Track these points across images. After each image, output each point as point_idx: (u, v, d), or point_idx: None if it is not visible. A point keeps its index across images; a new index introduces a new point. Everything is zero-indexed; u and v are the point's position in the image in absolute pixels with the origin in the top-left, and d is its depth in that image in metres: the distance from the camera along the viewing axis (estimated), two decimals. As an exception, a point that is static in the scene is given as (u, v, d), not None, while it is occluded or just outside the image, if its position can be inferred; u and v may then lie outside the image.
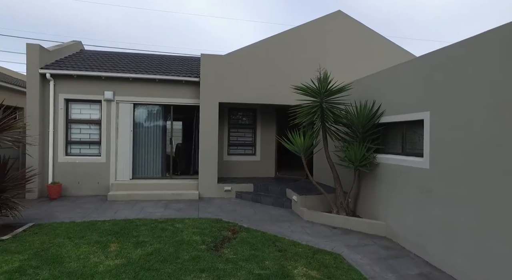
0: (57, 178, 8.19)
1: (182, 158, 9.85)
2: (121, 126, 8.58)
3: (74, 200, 7.79)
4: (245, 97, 8.76)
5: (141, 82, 8.63)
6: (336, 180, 6.64)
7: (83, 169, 8.33)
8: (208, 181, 8.60)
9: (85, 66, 8.54)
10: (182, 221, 6.24)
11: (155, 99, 8.75)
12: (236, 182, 9.01)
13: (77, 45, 10.56)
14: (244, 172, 10.01)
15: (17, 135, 5.80)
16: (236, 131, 10.23)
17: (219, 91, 8.64)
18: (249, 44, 8.88)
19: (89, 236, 5.23)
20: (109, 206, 7.31)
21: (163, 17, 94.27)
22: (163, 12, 69.12)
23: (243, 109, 10.24)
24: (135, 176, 8.73)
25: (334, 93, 6.37)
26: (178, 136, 13.60)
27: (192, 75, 8.87)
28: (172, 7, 57.71)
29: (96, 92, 8.38)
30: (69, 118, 8.44)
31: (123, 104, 8.60)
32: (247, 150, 10.27)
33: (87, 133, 8.57)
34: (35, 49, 7.93)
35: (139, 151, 8.82)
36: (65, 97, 8.29)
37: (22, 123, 5.95)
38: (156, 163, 8.94)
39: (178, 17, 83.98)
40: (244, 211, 7.30)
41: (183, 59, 11.06)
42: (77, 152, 8.52)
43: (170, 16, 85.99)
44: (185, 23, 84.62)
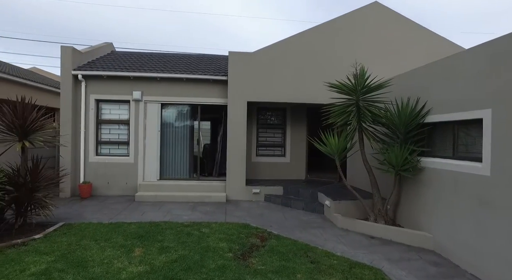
0: (88, 178, 8.30)
1: (210, 159, 9.67)
2: (149, 126, 8.54)
3: (103, 200, 7.84)
4: (274, 96, 8.38)
5: (168, 81, 8.54)
6: (373, 185, 6.08)
7: (112, 169, 8.38)
8: (236, 183, 8.33)
9: (114, 67, 8.59)
10: (208, 225, 5.99)
11: (183, 99, 8.62)
12: (264, 184, 8.65)
13: (108, 46, 10.74)
14: (273, 174, 9.64)
15: (48, 135, 5.84)
16: (265, 131, 9.88)
17: (247, 90, 8.33)
18: (279, 40, 8.50)
19: (114, 239, 5.12)
20: (136, 207, 7.25)
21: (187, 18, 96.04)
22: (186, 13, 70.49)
23: (272, 109, 9.86)
24: (162, 177, 8.66)
25: (372, 90, 5.82)
26: (205, 136, 13.51)
27: (219, 74, 8.65)
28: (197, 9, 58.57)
29: (125, 92, 8.40)
30: (99, 118, 8.54)
31: (151, 104, 8.55)
32: (276, 151, 9.89)
33: (116, 133, 8.62)
34: (68, 51, 8.07)
35: (166, 151, 8.74)
36: (96, 98, 8.38)
37: (53, 123, 5.97)
38: (183, 164, 8.81)
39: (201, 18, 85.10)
40: (273, 216, 6.93)
41: (210, 58, 10.90)
42: (106, 152, 8.59)
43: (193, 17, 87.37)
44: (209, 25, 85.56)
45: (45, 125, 5.75)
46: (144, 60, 9.77)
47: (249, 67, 8.35)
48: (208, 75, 8.54)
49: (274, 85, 8.35)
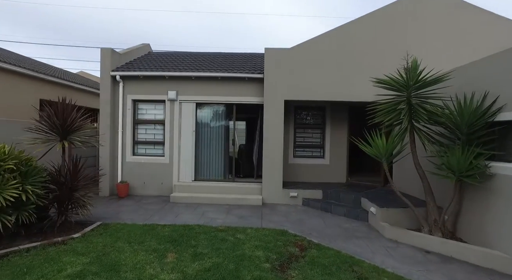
0: (125, 178, 8.38)
1: (245, 160, 9.39)
2: (184, 126, 8.44)
3: (139, 200, 7.85)
4: (313, 94, 7.88)
5: (203, 80, 8.38)
6: (427, 192, 5.38)
7: (148, 169, 8.39)
8: (272, 186, 7.94)
9: (150, 67, 8.61)
10: (244, 231, 5.67)
11: (218, 98, 8.42)
12: (302, 187, 8.18)
13: (146, 47, 10.88)
14: (311, 176, 9.12)
15: (86, 136, 5.88)
16: (303, 131, 9.39)
17: (284, 88, 7.92)
18: (318, 35, 7.98)
19: (148, 242, 4.97)
20: (170, 209, 7.14)
21: (221, 21, 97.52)
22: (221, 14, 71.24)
23: (311, 108, 9.34)
24: (197, 178, 8.52)
25: (428, 85, 5.13)
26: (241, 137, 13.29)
27: (255, 72, 8.32)
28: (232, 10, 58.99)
29: (160, 92, 8.38)
30: (136, 118, 8.60)
31: (185, 104, 8.45)
32: (315, 152, 9.36)
33: (152, 133, 8.63)
34: (107, 52, 8.21)
35: (201, 152, 8.59)
36: (133, 98, 8.45)
37: (94, 124, 6.01)
38: (218, 165, 8.60)
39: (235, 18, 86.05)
40: (312, 222, 6.45)
41: (246, 56, 10.63)
42: (142, 152, 8.63)
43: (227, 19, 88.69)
44: (244, 24, 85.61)
45: (83, 125, 5.78)
46: (180, 59, 9.73)
47: (286, 64, 7.93)
48: (243, 73, 8.25)
49: (313, 83, 7.85)
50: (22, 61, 10.92)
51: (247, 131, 12.58)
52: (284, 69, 7.93)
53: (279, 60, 7.94)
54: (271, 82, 7.95)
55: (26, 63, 10.56)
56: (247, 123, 12.49)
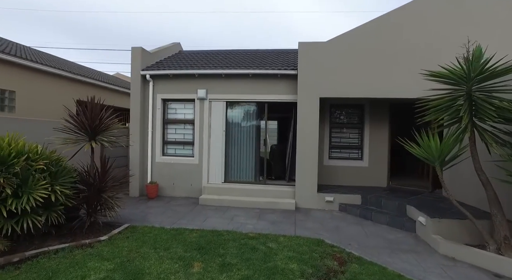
0: (155, 178, 8.26)
1: (277, 161, 8.92)
2: (214, 126, 8.15)
3: (168, 201, 7.66)
4: (350, 91, 7.23)
5: (233, 78, 8.03)
6: (493, 202, 4.58)
7: (177, 170, 8.21)
8: (306, 189, 7.41)
9: (180, 65, 8.42)
10: (276, 239, 5.21)
11: (248, 97, 8.03)
12: (339, 191, 7.56)
13: (176, 46, 10.78)
14: (348, 179, 8.45)
15: (113, 136, 5.74)
16: (339, 131, 8.74)
17: (319, 85, 7.35)
18: (356, 27, 7.31)
19: (174, 248, 4.68)
20: (199, 212, 6.86)
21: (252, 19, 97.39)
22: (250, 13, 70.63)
23: (348, 106, 8.66)
24: (227, 180, 8.19)
25: (496, 75, 4.35)
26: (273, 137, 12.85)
27: (288, 68, 7.83)
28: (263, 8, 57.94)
29: (190, 91, 8.15)
30: (166, 118, 8.45)
31: (215, 103, 8.15)
32: (352, 153, 8.67)
33: (182, 133, 8.44)
34: (137, 52, 8.14)
35: (231, 152, 8.25)
36: (162, 97, 8.31)
37: (121, 124, 5.87)
38: (249, 167, 8.21)
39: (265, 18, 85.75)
40: (351, 231, 5.85)
41: (278, 52, 10.15)
42: (172, 152, 8.47)
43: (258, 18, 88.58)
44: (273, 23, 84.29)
45: (111, 125, 5.64)
46: (210, 58, 9.48)
47: (322, 59, 7.36)
48: (275, 69, 7.79)
49: (350, 78, 7.21)
50: (62, 64, 11.31)
51: (279, 131, 12.10)
52: (319, 64, 7.36)
53: (313, 54, 7.39)
54: (305, 79, 7.42)
55: (65, 66, 10.90)
56: (279, 123, 12.01)
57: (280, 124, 11.79)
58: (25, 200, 4.37)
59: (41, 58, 10.22)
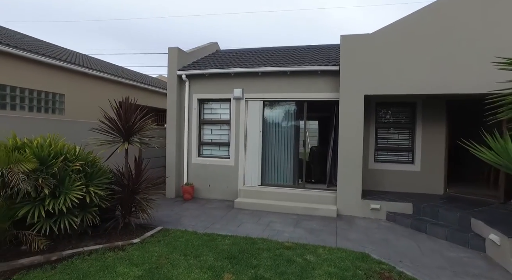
0: (191, 180, 8.16)
1: (317, 164, 8.36)
2: (250, 126, 7.83)
3: (204, 204, 7.49)
4: (400, 87, 6.47)
5: (270, 76, 7.65)
6: None
7: (213, 171, 8.02)
8: (349, 195, 6.78)
9: (216, 64, 8.24)
10: (314, 250, 4.72)
11: (287, 95, 7.58)
12: (386, 198, 6.82)
13: (213, 46, 10.68)
14: (396, 185, 7.63)
15: (145, 137, 5.67)
16: (386, 132, 7.94)
17: (364, 81, 6.69)
18: (407, 15, 6.53)
19: (204, 256, 4.41)
20: (234, 216, 6.57)
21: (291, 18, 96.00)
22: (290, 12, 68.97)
23: (397, 104, 7.84)
24: (264, 183, 7.82)
25: None
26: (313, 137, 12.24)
27: (329, 64, 7.26)
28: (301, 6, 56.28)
29: (225, 91, 7.93)
30: (202, 118, 8.32)
31: (252, 102, 7.83)
32: (401, 156, 7.82)
33: (218, 134, 8.24)
34: (174, 52, 8.11)
35: (268, 154, 7.87)
36: (198, 97, 8.18)
37: (152, 124, 5.79)
38: (287, 169, 7.77)
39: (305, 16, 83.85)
40: (401, 245, 5.15)
41: (318, 48, 9.57)
42: (208, 153, 8.31)
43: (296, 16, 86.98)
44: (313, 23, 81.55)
45: (144, 126, 5.56)
46: (246, 56, 9.21)
47: (367, 52, 6.69)
48: (315, 65, 7.26)
49: (402, 73, 6.45)
50: (107, 67, 11.82)
51: (319, 132, 11.46)
52: (364, 59, 6.70)
53: (358, 48, 6.74)
54: (348, 75, 6.80)
55: (110, 69, 11.36)
56: (319, 123, 11.37)
57: (321, 124, 11.16)
58: (62, 200, 4.39)
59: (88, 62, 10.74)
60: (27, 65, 7.99)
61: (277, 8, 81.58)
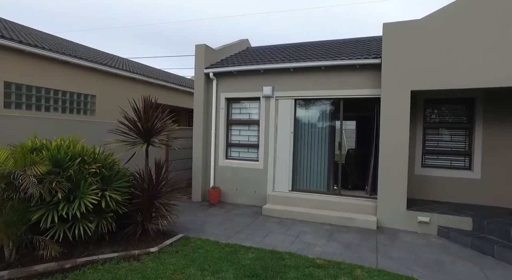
0: (218, 183, 7.76)
1: (355, 168, 7.55)
2: (280, 127, 7.24)
3: (230, 210, 7.03)
4: (458, 80, 5.51)
5: (303, 72, 7.00)
6: None
7: (241, 174, 7.55)
8: (392, 204, 5.94)
9: (245, 62, 7.76)
10: (351, 271, 4.03)
11: (321, 93, 6.89)
12: (437, 210, 5.87)
13: (244, 43, 10.22)
14: (449, 194, 6.61)
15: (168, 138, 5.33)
16: (437, 132, 6.93)
17: (411, 74, 5.81)
18: (465, -5, 5.55)
19: (224, 272, 3.92)
20: (261, 224, 6.03)
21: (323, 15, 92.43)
22: None
23: (450, 100, 6.80)
24: (295, 188, 7.19)
25: None
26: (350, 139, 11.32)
27: (369, 56, 6.46)
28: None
29: (255, 89, 7.42)
30: (230, 118, 7.88)
31: (282, 101, 7.24)
32: (455, 161, 6.77)
33: (246, 135, 7.76)
34: (201, 49, 7.77)
35: (300, 157, 7.22)
36: (226, 96, 7.76)
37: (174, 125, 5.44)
38: (321, 174, 7.06)
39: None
40: (460, 270, 4.26)
41: (357, 41, 8.72)
42: (236, 155, 7.85)
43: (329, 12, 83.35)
44: None
45: (164, 126, 5.22)
46: (278, 52, 8.63)
47: (414, 41, 5.81)
48: (353, 59, 6.50)
49: (458, 63, 5.49)
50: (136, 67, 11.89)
51: (357, 132, 10.53)
52: (411, 49, 5.83)
53: (403, 37, 5.89)
54: (391, 68, 5.96)
55: (139, 70, 11.39)
56: (358, 123, 10.43)
57: (359, 125, 10.22)
58: (77, 205, 4.16)
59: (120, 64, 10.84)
60: (60, 67, 8.12)
61: (316, 5, 78.91)
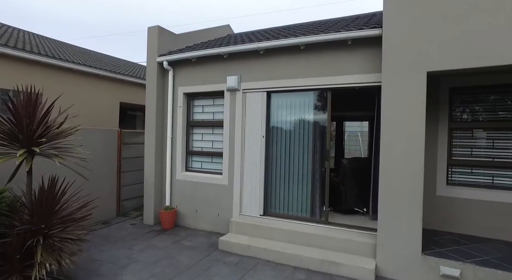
0: (175, 202, 6.09)
1: (352, 184, 5.56)
2: (249, 130, 5.45)
3: (181, 239, 5.30)
4: (495, 54, 3.48)
5: (277, 55, 5.18)
6: None
7: (202, 191, 5.83)
8: (398, 244, 3.96)
9: (208, 47, 6.06)
10: None
11: (301, 82, 5.03)
12: (474, 255, 3.82)
13: (224, 29, 8.53)
14: (493, 227, 4.50)
15: (60, 146, 3.73)
16: (469, 135, 4.85)
17: (428, 47, 3.85)
18: None
19: None
20: (208, 267, 4.24)
21: None
22: None
23: (491, 87, 4.70)
24: (268, 211, 5.35)
25: None
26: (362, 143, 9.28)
27: (366, 27, 4.55)
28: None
29: (219, 80, 5.70)
30: (190, 119, 6.20)
31: (252, 95, 5.45)
32: (500, 177, 4.65)
33: (210, 140, 6.05)
34: (153, 32, 6.16)
35: (275, 169, 5.37)
36: (185, 91, 6.08)
37: (72, 128, 3.83)
38: (303, 192, 5.17)
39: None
40: None
41: (357, 17, 6.73)
42: (198, 167, 6.15)
43: None
44: None
45: (50, 128, 3.63)
46: (254, 35, 6.86)
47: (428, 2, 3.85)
48: (343, 32, 4.60)
49: (491, 32, 3.47)
50: (102, 61, 10.54)
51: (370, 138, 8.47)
52: (425, 10, 3.86)
53: (413, -6, 3.94)
54: (397, 38, 4.02)
55: (105, 64, 10.03)
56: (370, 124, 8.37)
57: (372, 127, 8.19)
58: None
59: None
60: None
61: None
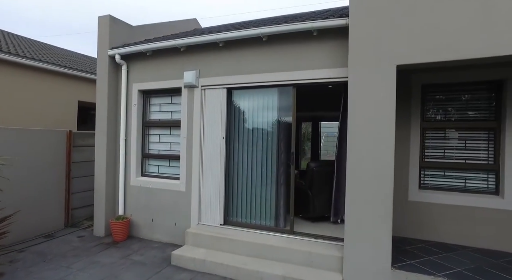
0: (130, 210, 5.51)
1: (320, 190, 5.16)
2: (208, 130, 4.96)
3: (132, 253, 4.73)
4: (465, 47, 3.14)
5: (238, 48, 4.72)
6: None
7: (158, 199, 5.29)
8: (366, 257, 3.56)
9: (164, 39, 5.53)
10: None
11: (264, 77, 4.59)
12: (447, 265, 3.47)
13: (190, 23, 8.00)
14: (468, 234, 4.18)
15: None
16: (442, 135, 4.53)
17: (397, 39, 3.47)
18: None
19: None
20: (151, 289, 3.72)
21: None
22: None
23: (465, 85, 4.40)
24: (228, 220, 4.86)
25: None
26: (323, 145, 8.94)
27: (333, 17, 4.16)
28: None
29: (176, 76, 5.18)
30: (146, 119, 5.65)
31: (211, 92, 4.96)
32: (472, 180, 4.35)
33: (167, 142, 5.51)
34: (104, 22, 5.56)
35: (236, 174, 4.89)
36: (140, 88, 5.53)
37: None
38: (266, 199, 4.72)
39: None
40: None
41: (328, 11, 6.37)
42: (155, 171, 5.60)
43: None
44: None
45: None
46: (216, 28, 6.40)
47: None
48: (307, 22, 4.18)
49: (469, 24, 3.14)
50: (60, 56, 9.74)
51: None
52: None
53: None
54: (364, 28, 3.63)
55: (64, 60, 9.26)
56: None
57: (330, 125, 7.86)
58: None
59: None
60: None
61: None
